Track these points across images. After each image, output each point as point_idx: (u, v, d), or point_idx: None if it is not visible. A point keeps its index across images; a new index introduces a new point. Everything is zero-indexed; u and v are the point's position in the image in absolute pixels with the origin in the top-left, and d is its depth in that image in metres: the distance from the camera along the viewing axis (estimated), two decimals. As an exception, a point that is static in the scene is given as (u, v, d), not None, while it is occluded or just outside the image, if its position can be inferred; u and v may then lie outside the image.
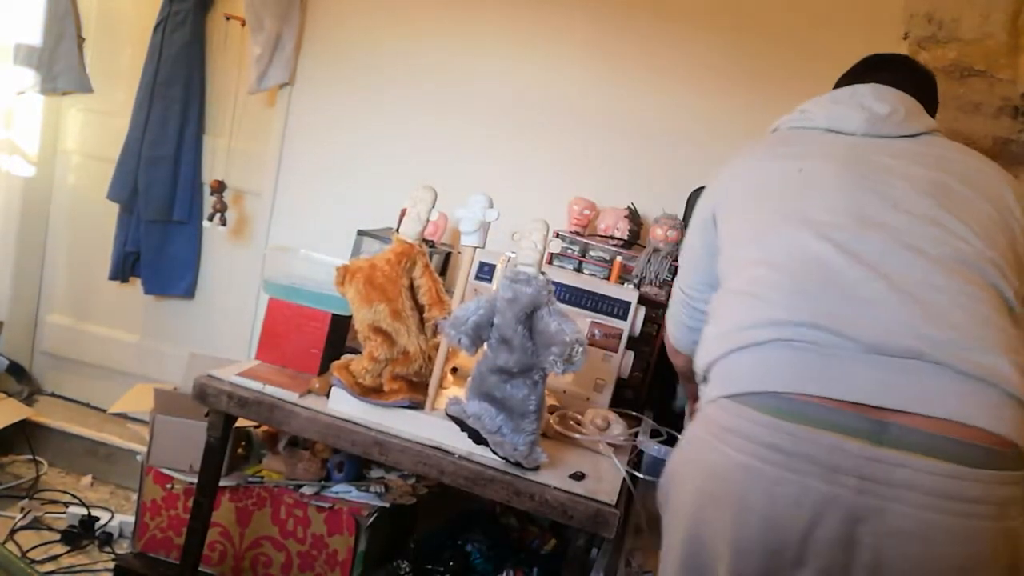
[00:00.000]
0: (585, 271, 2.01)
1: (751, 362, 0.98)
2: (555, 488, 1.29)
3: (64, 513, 2.23)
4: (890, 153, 1.13)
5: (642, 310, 1.81)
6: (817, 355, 0.94)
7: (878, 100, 1.19)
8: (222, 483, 1.64)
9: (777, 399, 0.93)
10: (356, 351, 1.52)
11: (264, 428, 1.86)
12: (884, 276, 0.98)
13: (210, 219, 2.45)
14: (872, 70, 1.31)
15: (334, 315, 1.57)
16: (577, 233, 2.09)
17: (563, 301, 1.78)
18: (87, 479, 2.49)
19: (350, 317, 1.51)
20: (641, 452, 1.52)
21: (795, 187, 1.11)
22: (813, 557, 0.90)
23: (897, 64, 1.35)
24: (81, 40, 2.54)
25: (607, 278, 1.97)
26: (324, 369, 1.56)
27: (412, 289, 1.43)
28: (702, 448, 0.99)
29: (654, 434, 1.59)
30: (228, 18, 2.46)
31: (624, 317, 1.77)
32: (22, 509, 2.24)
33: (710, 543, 0.97)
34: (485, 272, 1.85)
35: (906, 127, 1.17)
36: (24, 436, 2.48)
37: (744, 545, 0.93)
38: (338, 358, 1.50)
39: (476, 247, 1.41)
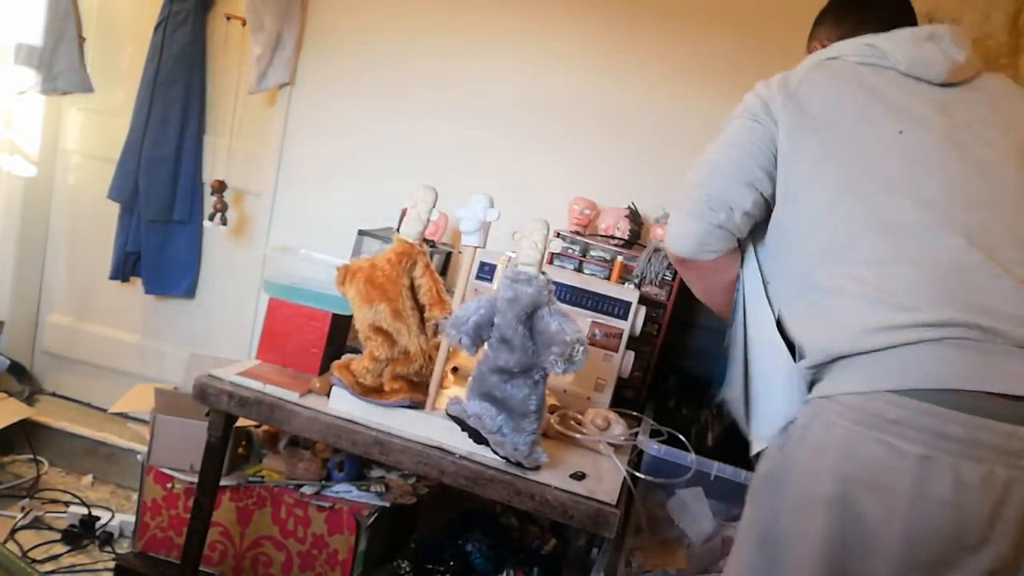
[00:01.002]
0: (586, 271, 2.02)
1: (914, 359, 0.99)
2: (555, 488, 1.30)
3: (64, 512, 2.23)
4: (972, 111, 1.15)
5: (643, 310, 1.81)
6: (977, 352, 0.98)
7: (955, 45, 1.18)
8: (222, 483, 1.64)
9: (950, 394, 0.97)
10: (356, 351, 1.53)
11: (264, 428, 1.86)
12: (1007, 269, 1.02)
13: (210, 219, 2.45)
14: (887, 3, 1.34)
15: (334, 315, 1.57)
16: (578, 233, 2.09)
17: (563, 301, 1.78)
18: (87, 479, 2.49)
19: (350, 317, 1.51)
20: (641, 452, 1.52)
21: (900, 159, 1.10)
22: (999, 536, 0.96)
23: None
24: (81, 40, 2.54)
25: (608, 278, 1.97)
26: (324, 369, 1.56)
27: (413, 289, 1.43)
28: (852, 439, 0.99)
29: (654, 434, 1.59)
30: (228, 18, 2.46)
31: (625, 317, 1.77)
32: (22, 509, 2.24)
33: (866, 534, 0.98)
34: (486, 272, 1.85)
35: (969, 71, 1.19)
36: (25, 436, 2.48)
37: (924, 532, 0.96)
38: (338, 358, 1.50)
39: (477, 247, 1.41)
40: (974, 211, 1.06)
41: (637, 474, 1.44)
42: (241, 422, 1.64)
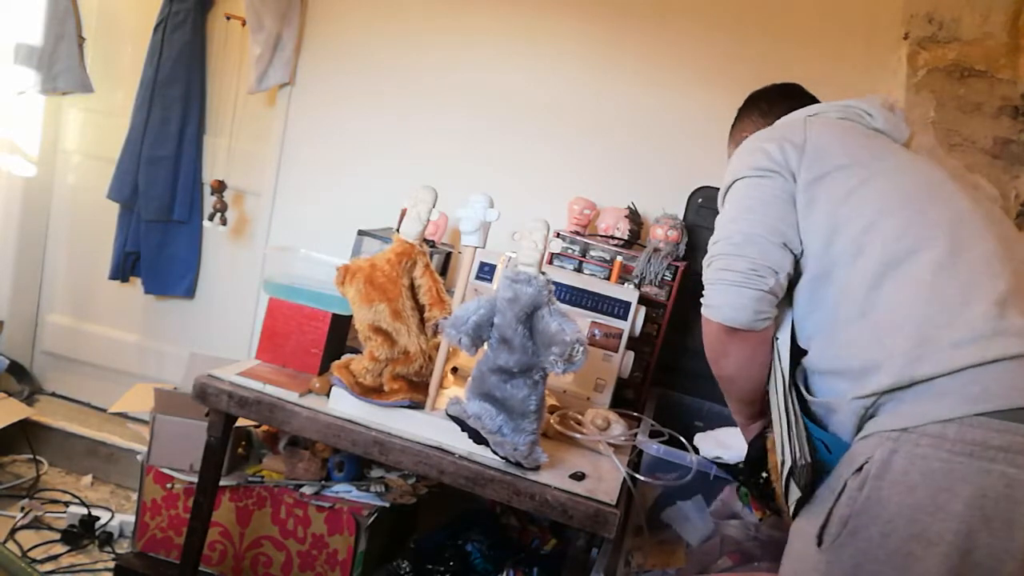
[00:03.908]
0: (585, 271, 2.02)
1: (1006, 374, 0.95)
2: (555, 488, 1.30)
3: (64, 513, 2.23)
4: (936, 163, 1.27)
5: (642, 310, 1.81)
6: None
7: (905, 121, 1.33)
8: (222, 483, 1.64)
9: None
10: (356, 351, 1.53)
11: (264, 428, 1.86)
12: None
13: (210, 219, 2.45)
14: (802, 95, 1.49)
15: (334, 315, 1.57)
16: (577, 233, 2.09)
17: (563, 301, 1.78)
18: (87, 479, 2.49)
19: (350, 317, 1.51)
20: (641, 452, 1.52)
21: (921, 181, 1.17)
22: None
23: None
24: (81, 40, 2.54)
25: (607, 278, 1.97)
26: (324, 369, 1.56)
27: (412, 289, 1.43)
28: (955, 472, 0.94)
29: (654, 434, 1.59)
30: (228, 18, 2.46)
31: (624, 317, 1.78)
32: (22, 509, 2.24)
33: (988, 568, 0.94)
34: (485, 272, 1.86)
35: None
36: (24, 436, 2.48)
37: None
38: (338, 358, 1.50)
39: (476, 247, 1.41)
40: (993, 227, 1.10)
41: (636, 475, 1.44)
42: (241, 422, 1.64)
